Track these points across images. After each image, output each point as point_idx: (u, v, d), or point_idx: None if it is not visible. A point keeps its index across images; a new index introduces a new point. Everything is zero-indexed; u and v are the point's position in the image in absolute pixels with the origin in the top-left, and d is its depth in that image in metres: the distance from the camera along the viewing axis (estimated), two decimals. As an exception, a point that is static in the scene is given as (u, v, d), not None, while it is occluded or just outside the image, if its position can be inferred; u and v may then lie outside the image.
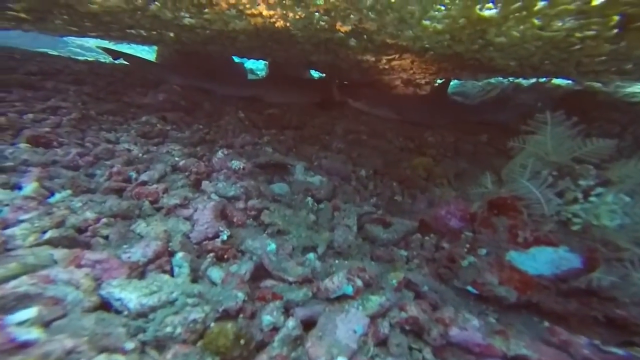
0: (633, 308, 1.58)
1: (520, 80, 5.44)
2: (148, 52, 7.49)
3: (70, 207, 1.70)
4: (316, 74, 6.47)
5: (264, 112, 4.16)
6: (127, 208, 1.81)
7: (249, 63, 6.91)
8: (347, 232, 2.10)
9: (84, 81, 3.86)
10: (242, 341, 1.24)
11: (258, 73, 7.83)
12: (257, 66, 8.15)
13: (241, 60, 5.83)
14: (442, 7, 1.96)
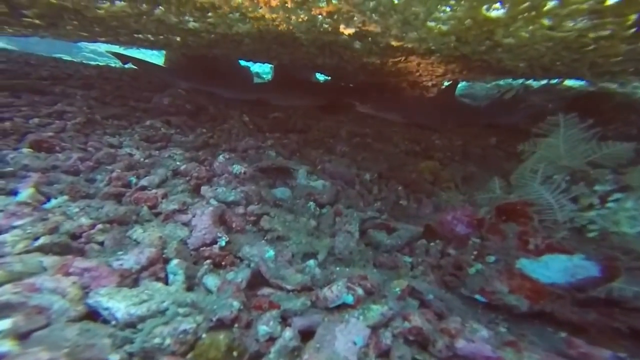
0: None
1: (530, 81, 5.32)
2: (157, 57, 7.61)
3: (65, 213, 1.67)
4: (322, 77, 6.45)
5: (269, 116, 4.13)
6: (124, 214, 1.78)
7: (255, 67, 6.94)
8: (349, 238, 2.03)
9: (92, 85, 3.90)
10: (235, 353, 1.18)
11: (264, 77, 7.86)
12: (264, 70, 8.18)
13: (247, 64, 5.84)
14: (447, 8, 1.91)
